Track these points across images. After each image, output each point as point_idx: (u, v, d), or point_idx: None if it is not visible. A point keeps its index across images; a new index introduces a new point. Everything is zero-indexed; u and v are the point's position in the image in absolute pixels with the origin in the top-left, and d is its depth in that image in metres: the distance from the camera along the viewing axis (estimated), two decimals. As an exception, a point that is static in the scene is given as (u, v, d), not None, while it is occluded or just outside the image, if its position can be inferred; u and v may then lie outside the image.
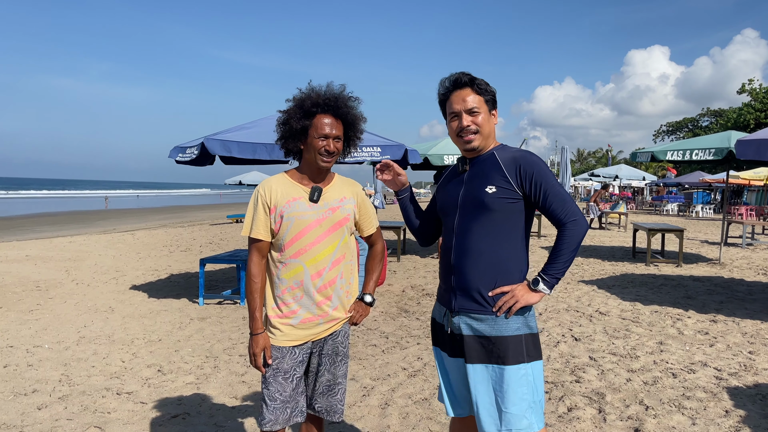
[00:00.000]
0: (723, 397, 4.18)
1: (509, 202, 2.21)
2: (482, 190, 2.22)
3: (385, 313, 6.87)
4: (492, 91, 2.33)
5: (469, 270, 2.24)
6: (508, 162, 2.24)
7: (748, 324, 6.37)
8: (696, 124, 61.38)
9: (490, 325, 2.20)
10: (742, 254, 12.92)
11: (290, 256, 2.43)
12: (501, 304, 2.19)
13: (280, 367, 2.45)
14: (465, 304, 2.24)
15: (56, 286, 8.59)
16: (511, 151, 2.30)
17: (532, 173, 2.19)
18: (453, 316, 2.29)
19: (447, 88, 2.34)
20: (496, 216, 2.21)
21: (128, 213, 34.85)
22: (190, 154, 7.17)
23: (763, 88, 40.77)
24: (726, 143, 9.95)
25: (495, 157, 2.29)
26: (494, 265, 2.22)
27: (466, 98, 2.28)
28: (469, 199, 2.26)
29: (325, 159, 2.44)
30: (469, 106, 2.27)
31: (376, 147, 7.71)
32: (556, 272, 2.17)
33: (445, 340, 2.37)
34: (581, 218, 2.19)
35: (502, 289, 2.20)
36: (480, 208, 2.22)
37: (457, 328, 2.27)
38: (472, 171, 2.33)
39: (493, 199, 2.20)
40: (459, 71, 2.33)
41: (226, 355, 5.18)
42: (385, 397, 4.19)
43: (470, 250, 2.24)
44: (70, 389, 4.32)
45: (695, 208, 31.50)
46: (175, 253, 12.73)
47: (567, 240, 2.16)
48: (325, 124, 2.42)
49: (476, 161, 2.34)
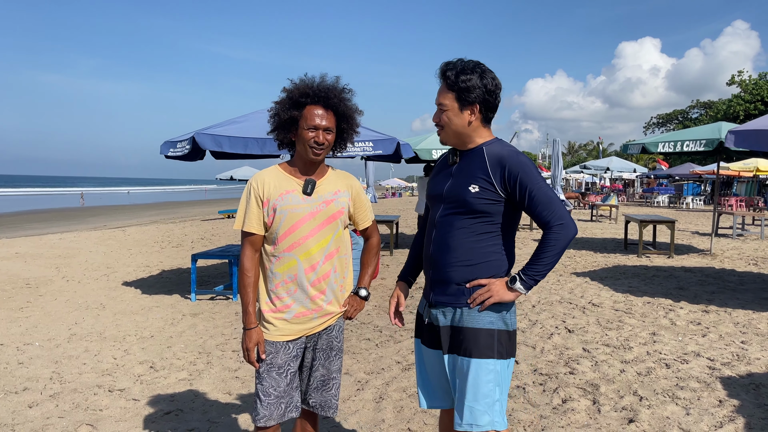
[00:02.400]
0: (716, 387, 4.19)
1: (491, 202, 2.15)
2: (465, 188, 2.17)
3: (378, 306, 6.85)
4: (466, 87, 2.15)
5: (445, 263, 2.22)
6: (494, 161, 2.16)
7: (740, 314, 6.41)
8: (686, 116, 61.68)
9: (464, 317, 2.19)
10: (733, 245, 13.00)
11: (284, 250, 2.41)
12: (476, 296, 2.17)
13: (274, 362, 2.42)
14: (441, 297, 2.25)
15: (46, 283, 8.52)
16: (500, 148, 2.20)
17: (517, 175, 2.11)
18: (431, 307, 2.30)
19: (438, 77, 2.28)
20: (477, 214, 2.17)
21: (119, 209, 34.64)
22: (181, 149, 7.11)
23: (753, 80, 41.00)
24: (716, 134, 9.99)
25: (483, 153, 2.22)
26: (471, 260, 2.18)
27: (439, 92, 2.24)
28: (452, 195, 2.22)
29: (315, 151, 2.40)
30: (438, 101, 2.24)
31: (368, 141, 7.67)
32: (535, 274, 2.14)
33: (424, 332, 2.37)
34: (569, 221, 2.12)
35: (479, 281, 2.18)
36: (461, 206, 2.18)
37: (435, 319, 2.28)
38: (460, 164, 2.27)
39: (474, 198, 2.15)
40: (444, 62, 2.24)
41: (219, 350, 5.15)
42: (379, 391, 4.17)
43: (448, 244, 2.21)
44: (62, 387, 4.27)
45: (686, 200, 31.69)
46: (167, 249, 12.66)
47: (552, 243, 2.11)
48: (315, 115, 2.38)
49: (466, 154, 2.27)
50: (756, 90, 39.21)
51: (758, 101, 38.54)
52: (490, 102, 2.21)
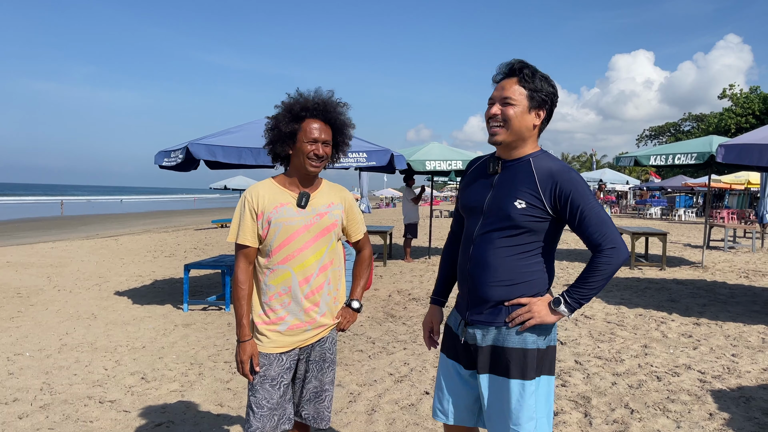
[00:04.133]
0: (707, 400, 4.21)
1: (537, 220, 2.03)
2: (510, 202, 2.03)
3: (371, 318, 6.85)
4: (541, 88, 2.06)
5: (483, 281, 2.09)
6: (543, 176, 2.03)
7: (730, 327, 6.45)
8: (678, 128, 62.18)
9: (504, 337, 2.08)
10: (724, 257, 13.07)
11: (278, 262, 2.42)
12: (515, 316, 2.06)
13: (267, 374, 2.43)
14: (478, 316, 2.13)
15: (37, 292, 8.47)
16: (550, 162, 2.07)
17: (569, 192, 1.99)
18: (467, 326, 2.17)
19: (498, 74, 2.13)
20: (519, 231, 2.04)
21: (112, 218, 34.50)
22: (175, 158, 7.12)
23: (744, 94, 41.39)
24: (708, 148, 10.09)
25: (530, 165, 2.08)
26: (511, 279, 2.07)
27: (505, 86, 2.07)
28: (494, 208, 2.08)
29: (314, 164, 2.43)
30: (505, 94, 2.05)
31: (362, 152, 7.71)
32: (581, 297, 2.03)
33: (458, 350, 2.23)
34: (622, 246, 1.99)
35: (520, 300, 2.07)
36: (504, 221, 2.05)
37: (472, 338, 2.15)
38: (503, 175, 2.12)
39: (520, 215, 2.02)
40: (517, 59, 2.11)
41: (211, 361, 5.13)
42: (371, 403, 4.17)
43: (487, 262, 2.08)
44: (52, 398, 4.25)
45: (678, 212, 31.85)
46: (160, 259, 12.62)
47: (602, 266, 1.99)
48: (314, 128, 2.41)
49: (510, 164, 2.12)
50: (747, 104, 39.58)
51: (749, 115, 38.89)
52: (552, 112, 2.14)
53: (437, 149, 12.13)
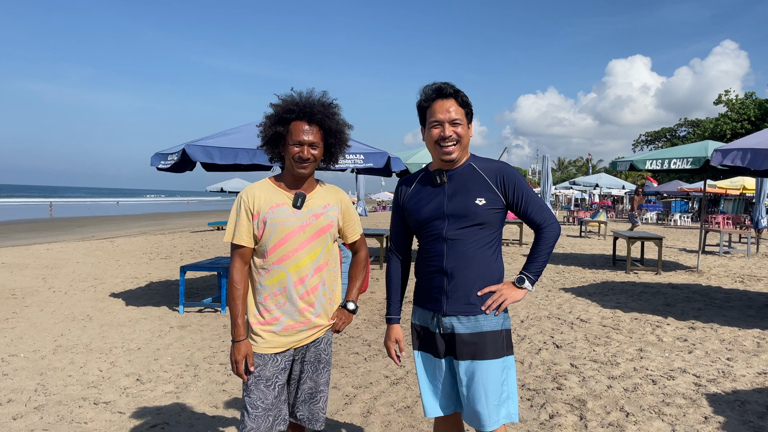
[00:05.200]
0: (702, 404, 4.22)
1: (496, 212, 2.34)
2: (472, 202, 2.31)
3: (367, 320, 6.85)
4: (471, 105, 2.41)
5: (463, 274, 2.32)
6: (491, 174, 2.36)
7: (725, 331, 6.46)
8: (674, 134, 62.41)
9: (479, 323, 2.32)
10: (720, 262, 13.11)
11: (273, 263, 2.42)
12: (490, 303, 2.32)
13: (262, 375, 2.42)
14: (458, 306, 2.33)
15: (33, 293, 8.44)
16: (488, 162, 2.41)
17: (514, 183, 2.34)
18: (444, 316, 2.36)
19: (430, 96, 2.37)
20: (483, 225, 2.33)
21: (108, 220, 34.41)
22: (171, 160, 7.11)
23: (739, 100, 41.58)
24: (703, 153, 10.12)
25: (474, 168, 2.38)
26: (483, 269, 2.34)
27: (450, 108, 2.32)
28: (458, 211, 2.33)
29: (301, 166, 2.42)
30: (453, 116, 2.32)
31: (359, 154, 7.71)
32: (537, 269, 2.37)
33: (433, 342, 2.41)
34: (556, 222, 2.39)
35: (489, 288, 2.33)
36: (470, 219, 2.31)
37: (449, 327, 2.35)
38: (453, 183, 2.38)
39: (483, 210, 2.31)
40: (442, 81, 2.38)
41: (207, 363, 5.12)
42: (367, 405, 4.16)
43: (464, 256, 2.32)
44: (46, 399, 4.23)
45: (673, 217, 31.93)
46: (155, 261, 12.59)
47: (546, 241, 2.36)
48: (299, 130, 2.40)
49: (455, 173, 2.39)
50: (742, 109, 39.75)
51: (744, 120, 39.06)
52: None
53: (434, 152, 12.12)
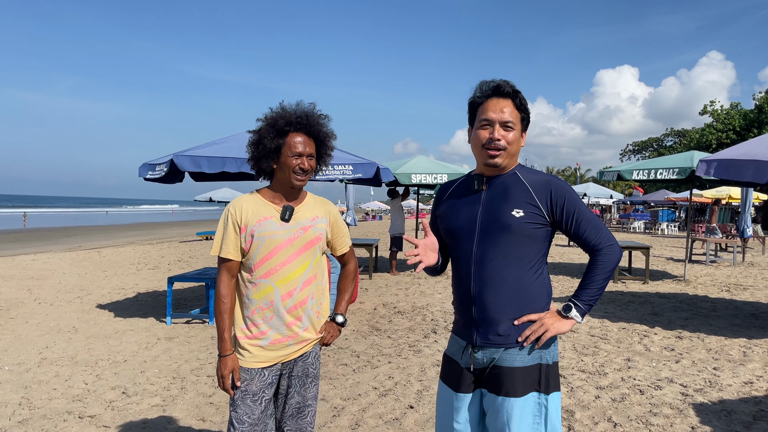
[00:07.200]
0: (689, 414, 4.24)
1: (536, 227, 2.06)
2: (508, 213, 2.05)
3: (356, 331, 6.83)
4: (528, 112, 2.15)
5: (491, 300, 2.05)
6: (537, 186, 2.09)
7: (712, 340, 6.51)
8: (660, 143, 63.08)
9: (512, 356, 2.04)
10: (706, 271, 13.22)
11: (260, 276, 2.41)
12: (528, 334, 2.03)
13: (249, 389, 2.41)
14: (488, 338, 2.07)
15: (18, 305, 8.34)
16: (538, 173, 2.13)
17: (564, 199, 2.07)
18: (476, 351, 2.10)
19: (485, 92, 2.12)
20: (521, 241, 2.05)
21: (95, 230, 34.13)
22: (160, 171, 7.08)
23: (724, 110, 42.10)
24: (689, 163, 10.24)
25: (519, 177, 2.12)
26: (518, 294, 2.05)
27: (504, 109, 2.07)
28: (491, 223, 2.07)
29: (300, 177, 2.43)
30: (506, 118, 2.06)
31: (348, 165, 7.72)
32: (589, 298, 2.05)
33: (462, 377, 2.14)
34: (616, 244, 2.09)
35: (529, 317, 2.05)
36: (503, 233, 2.05)
37: (480, 362, 2.09)
38: (491, 191, 2.13)
39: (520, 223, 2.03)
40: (501, 79, 2.13)
41: (194, 375, 5.08)
42: (355, 417, 4.14)
43: (492, 279, 2.06)
44: (31, 413, 4.17)
45: (661, 226, 32.19)
46: (143, 271, 12.49)
47: (602, 265, 2.05)
48: (298, 142, 2.42)
49: (496, 181, 2.14)
50: (728, 120, 40.24)
51: (730, 130, 39.53)
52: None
53: (423, 162, 12.18)
